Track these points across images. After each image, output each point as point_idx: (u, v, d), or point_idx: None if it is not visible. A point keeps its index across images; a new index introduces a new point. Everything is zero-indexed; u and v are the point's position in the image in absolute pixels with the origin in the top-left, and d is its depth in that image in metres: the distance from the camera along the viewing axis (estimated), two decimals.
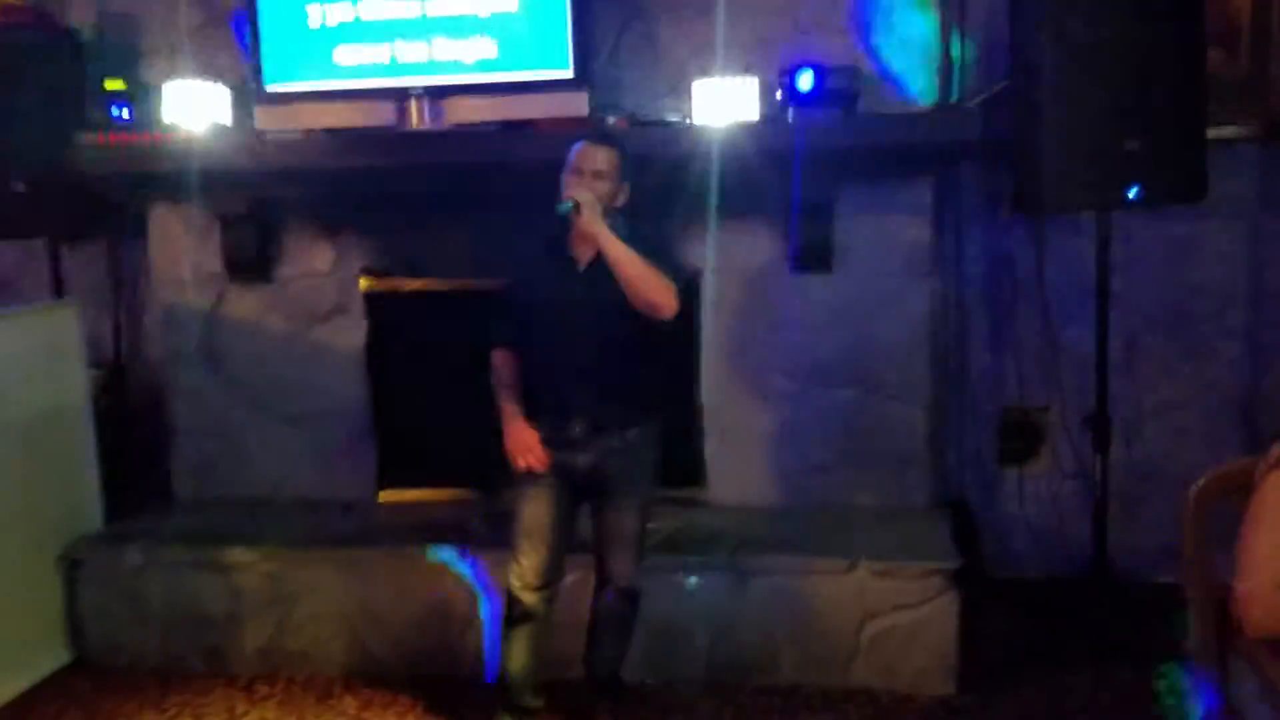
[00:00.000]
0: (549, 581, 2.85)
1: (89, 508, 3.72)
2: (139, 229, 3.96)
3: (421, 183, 3.58)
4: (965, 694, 3.16)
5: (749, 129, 3.30)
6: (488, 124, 3.48)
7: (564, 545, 2.87)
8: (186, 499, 3.98)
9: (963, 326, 3.86)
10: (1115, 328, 3.44)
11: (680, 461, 3.65)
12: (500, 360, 2.89)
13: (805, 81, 3.23)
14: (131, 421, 4.15)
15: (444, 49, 3.46)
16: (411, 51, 3.48)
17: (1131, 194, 3.20)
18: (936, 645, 3.17)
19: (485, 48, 3.44)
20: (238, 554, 3.47)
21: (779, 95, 3.34)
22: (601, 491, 2.86)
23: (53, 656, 3.49)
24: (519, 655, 2.87)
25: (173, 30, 3.79)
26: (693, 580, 3.25)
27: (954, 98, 3.52)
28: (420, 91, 3.47)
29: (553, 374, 2.82)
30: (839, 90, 3.27)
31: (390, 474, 3.92)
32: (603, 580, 2.93)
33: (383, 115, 3.51)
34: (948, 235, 3.76)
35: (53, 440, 3.59)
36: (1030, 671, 3.29)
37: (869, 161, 3.45)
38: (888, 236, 3.56)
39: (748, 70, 3.40)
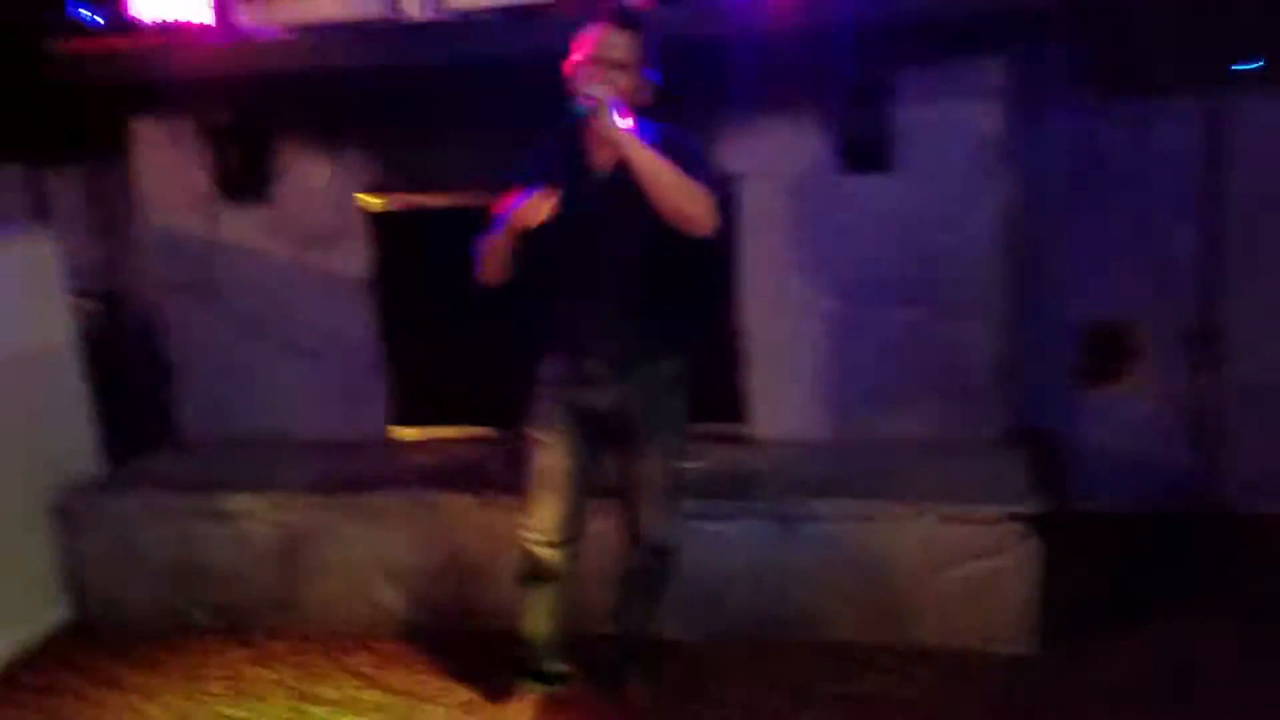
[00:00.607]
0: (570, 537, 2.51)
1: (83, 452, 3.46)
2: (122, 146, 3.61)
3: (421, 84, 3.17)
4: (1045, 651, 2.80)
5: (786, 3, 2.82)
6: (490, 10, 3.03)
7: (585, 497, 2.52)
8: (189, 440, 3.71)
9: (1042, 230, 3.37)
10: (1223, 230, 2.94)
11: (719, 393, 3.28)
12: None
13: None
14: (128, 356, 3.88)
15: None
16: None
17: (1248, 68, 2.68)
18: (1013, 598, 2.80)
19: None
20: (243, 501, 3.20)
21: None
22: (626, 437, 2.50)
23: (49, 614, 3.27)
24: (541, 619, 2.58)
25: None
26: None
27: None
28: None
29: (568, 303, 2.44)
30: None
31: (402, 410, 3.60)
32: (632, 535, 2.59)
33: (375, 6, 3.08)
34: (1026, 124, 3.25)
35: (38, 381, 3.31)
36: (1119, 622, 2.94)
37: (932, 37, 2.95)
38: (954, 127, 3.07)
39: None
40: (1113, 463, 3.45)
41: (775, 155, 3.18)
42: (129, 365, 3.85)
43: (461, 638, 3.05)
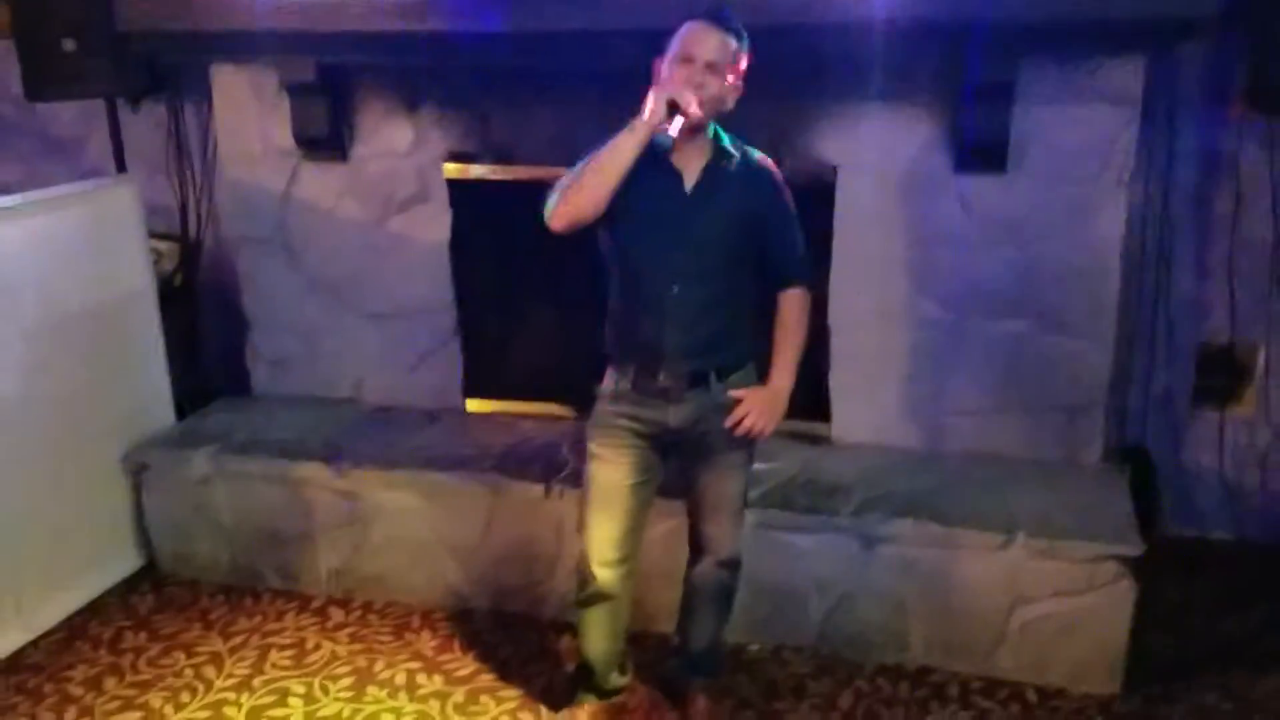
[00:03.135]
0: (626, 555, 2.41)
1: (158, 403, 3.46)
2: (204, 90, 3.52)
3: (514, 52, 3.00)
4: (1132, 694, 2.68)
5: None
6: None
7: (643, 514, 2.43)
8: (263, 396, 3.67)
9: (1165, 243, 3.15)
10: None
11: (802, 391, 3.12)
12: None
13: None
14: (207, 302, 3.84)
15: None
16: None
17: None
18: (1101, 637, 2.67)
19: None
20: (312, 470, 3.15)
21: None
22: (696, 451, 2.38)
23: (121, 566, 3.30)
24: (598, 639, 2.49)
25: None
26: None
27: None
28: None
29: (643, 308, 2.29)
30: None
31: (477, 381, 3.52)
32: (699, 548, 2.50)
33: None
34: (1157, 131, 3.01)
35: (116, 330, 3.29)
36: (1214, 664, 2.78)
37: (1061, 35, 2.71)
38: (1081, 131, 2.84)
39: None
40: (1219, 489, 3.28)
41: (877, 148, 2.98)
42: (204, 314, 3.81)
43: (524, 625, 3.02)
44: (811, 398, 3.18)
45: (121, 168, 3.69)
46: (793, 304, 2.33)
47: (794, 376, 2.34)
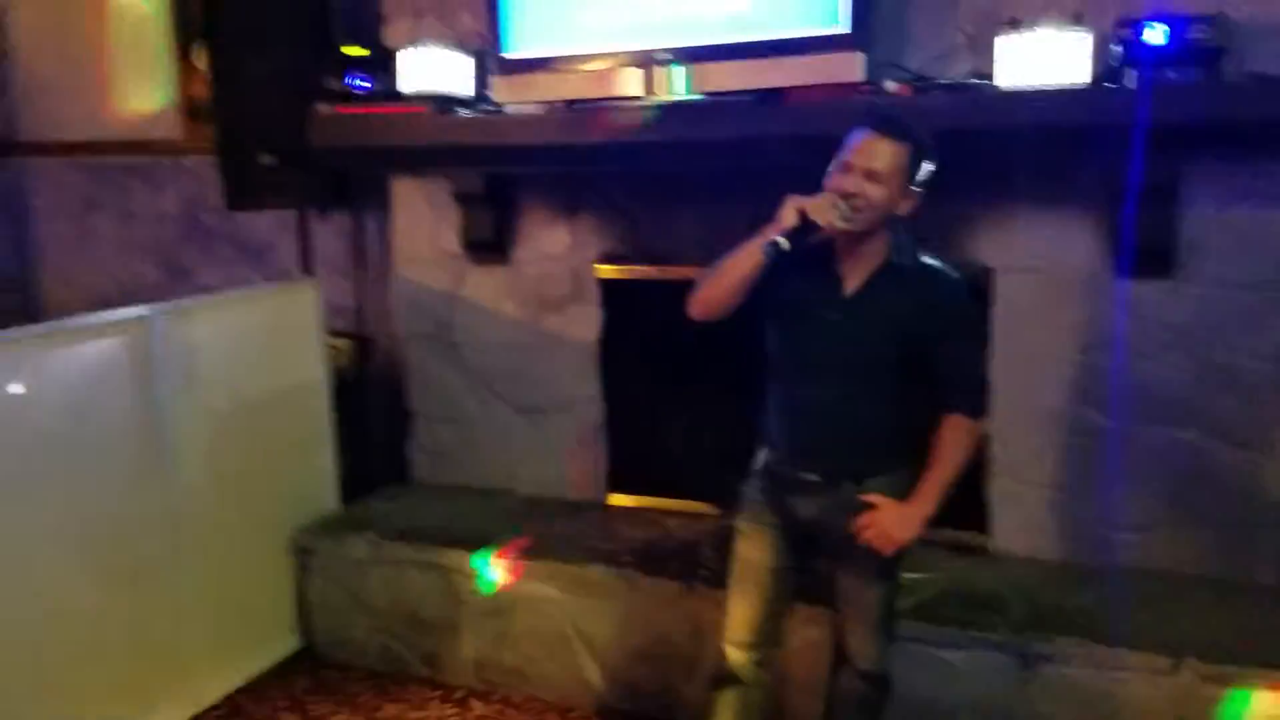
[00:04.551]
0: (762, 641, 2.37)
1: (324, 489, 3.64)
2: (383, 201, 3.80)
3: (666, 159, 3.12)
4: None
5: (1076, 95, 2.58)
6: (741, 93, 2.95)
7: (785, 602, 2.39)
8: (422, 484, 3.83)
9: None
10: None
11: (958, 500, 3.02)
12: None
13: (1156, 35, 2.45)
14: (375, 395, 4.05)
15: (695, 4, 2.96)
16: (659, 10, 3.00)
17: None
18: None
19: (738, 1, 2.91)
20: (459, 558, 3.24)
21: (1115, 52, 2.57)
22: (833, 553, 2.34)
23: (280, 646, 3.44)
24: None
25: None
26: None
27: None
28: (666, 57, 2.99)
29: (787, 400, 2.32)
30: (1198, 46, 2.47)
31: (621, 476, 3.58)
32: (840, 657, 2.42)
33: (629, 85, 3.06)
34: None
35: (292, 421, 3.51)
36: None
37: (1230, 135, 2.61)
38: (1254, 234, 2.72)
39: (1077, 20, 2.64)
40: None
41: (1037, 251, 2.93)
42: (372, 406, 4.02)
43: None
44: (968, 506, 3.08)
45: (308, 271, 3.99)
46: (952, 429, 2.24)
47: (935, 503, 2.23)
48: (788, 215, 2.14)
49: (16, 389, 2.65)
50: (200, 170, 4.12)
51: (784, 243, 2.13)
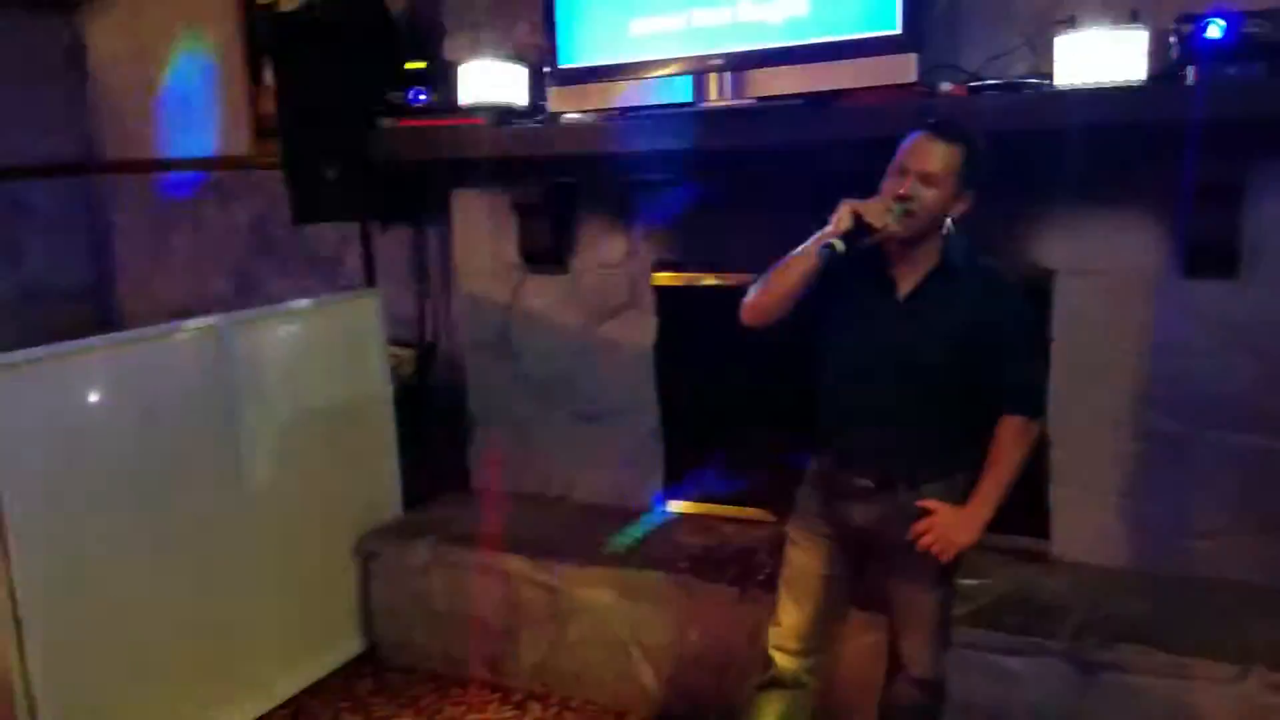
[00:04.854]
0: (812, 648, 2.37)
1: (388, 496, 3.71)
2: (444, 212, 3.88)
3: (720, 166, 3.15)
4: None
5: (1133, 93, 2.55)
6: (794, 97, 2.96)
7: (836, 609, 2.38)
8: (479, 492, 3.88)
9: None
10: None
11: (1020, 506, 2.99)
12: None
13: (1215, 30, 2.41)
14: (437, 403, 4.13)
15: (747, 10, 2.98)
16: (711, 16, 3.03)
17: None
18: None
19: (794, 5, 2.92)
20: (516, 563, 3.29)
21: (1173, 49, 2.53)
22: (888, 559, 2.32)
23: (345, 649, 3.51)
24: None
25: (475, 5, 3.59)
26: None
27: None
28: (720, 62, 3.02)
29: (841, 406, 2.31)
30: (1260, 41, 2.42)
31: (678, 483, 3.59)
32: (895, 664, 2.41)
33: (680, 91, 3.09)
34: None
35: (356, 427, 3.59)
36: None
37: None
38: None
39: (1134, 17, 2.61)
40: None
41: (1097, 252, 2.88)
42: (434, 414, 4.10)
43: None
44: (1030, 512, 3.04)
45: (371, 282, 4.08)
46: (1009, 431, 2.23)
47: (994, 506, 2.23)
48: (843, 218, 2.14)
49: (101, 399, 2.77)
50: (269, 185, 4.25)
51: (840, 245, 2.12)
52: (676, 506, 3.60)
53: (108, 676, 2.76)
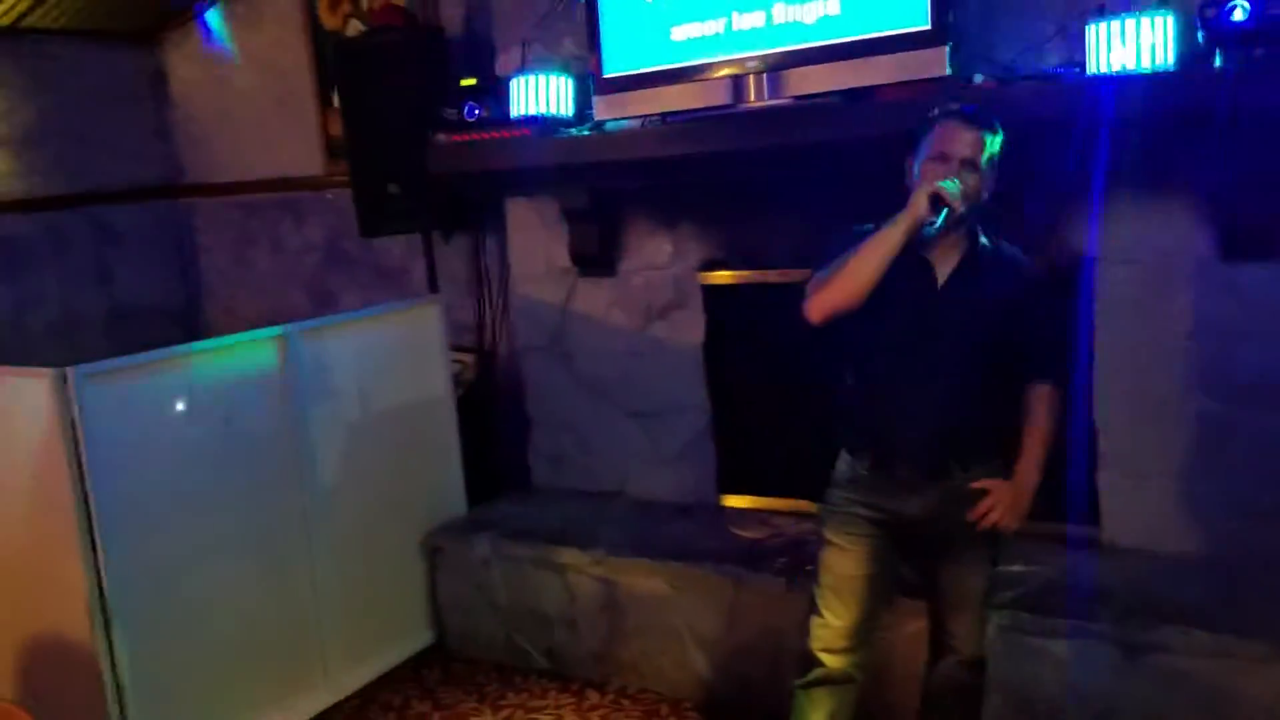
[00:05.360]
0: (858, 645, 2.41)
1: (453, 494, 3.86)
2: (500, 221, 4.03)
3: (757, 166, 3.24)
4: None
5: (1160, 80, 2.56)
6: (830, 95, 3.03)
7: (881, 604, 2.43)
8: (541, 489, 4.02)
9: None
10: None
11: (1071, 493, 3.01)
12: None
13: (1239, 13, 2.41)
14: (495, 408, 4.28)
15: (782, 12, 3.07)
16: (748, 19, 3.12)
17: None
18: None
19: (827, 4, 2.99)
20: (573, 556, 3.41)
21: (1200, 33, 2.54)
22: (939, 545, 2.37)
23: (415, 641, 3.67)
24: None
25: (524, 21, 3.73)
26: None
27: None
28: (757, 64, 3.10)
29: (885, 398, 2.35)
30: None
31: (731, 477, 3.67)
32: (941, 647, 2.45)
33: (720, 94, 3.19)
34: None
35: (421, 429, 3.75)
36: None
37: None
38: None
39: (1162, 2, 2.62)
40: None
41: (1138, 239, 2.89)
42: (495, 416, 4.25)
43: (763, 718, 3.04)
44: (1078, 500, 3.05)
45: (434, 290, 4.25)
46: (1042, 399, 2.31)
47: (1041, 473, 2.30)
48: (922, 201, 2.17)
49: (180, 404, 2.97)
50: (340, 203, 4.45)
51: (939, 222, 2.17)
52: (731, 501, 3.67)
53: (190, 667, 2.95)
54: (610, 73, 3.34)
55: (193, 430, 2.99)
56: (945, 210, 2.17)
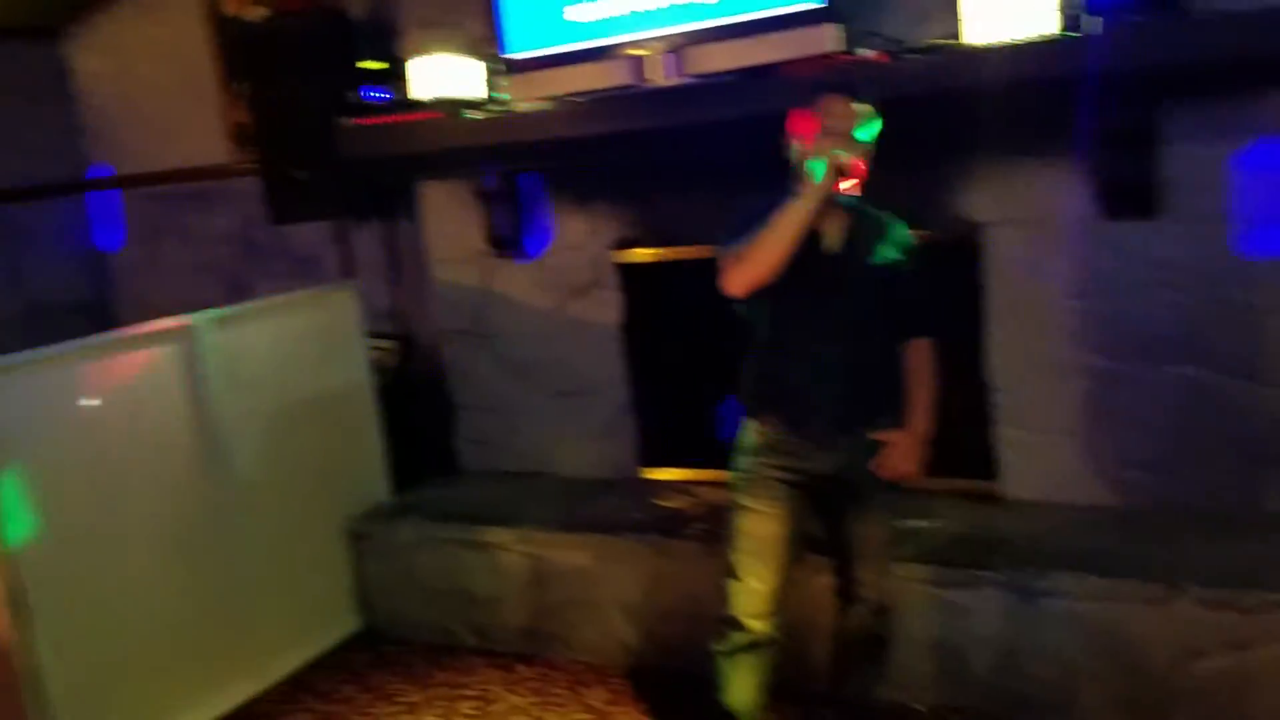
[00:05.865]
0: (779, 607, 2.49)
1: (376, 480, 3.87)
2: (415, 206, 4.02)
3: (665, 145, 3.28)
4: None
5: (1039, 46, 2.66)
6: (729, 74, 3.09)
7: (793, 562, 2.51)
8: (468, 471, 4.05)
9: None
10: None
11: (968, 449, 3.13)
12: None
13: None
14: (417, 393, 4.29)
15: None
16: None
17: None
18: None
19: None
20: (499, 534, 3.45)
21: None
22: (845, 497, 2.47)
23: (342, 626, 3.68)
24: (746, 688, 2.54)
25: (427, 4, 3.73)
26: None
27: None
28: (659, 44, 3.15)
29: (793, 362, 2.44)
30: None
31: (651, 451, 3.74)
32: (849, 596, 2.55)
33: (624, 74, 3.23)
34: None
35: (340, 416, 3.75)
36: None
37: (1205, 76, 2.67)
38: (1235, 169, 2.75)
39: None
40: None
41: (1025, 202, 3.01)
42: (419, 401, 4.26)
43: (691, 682, 3.10)
44: (977, 456, 3.18)
45: (348, 276, 4.24)
46: (923, 352, 2.45)
47: (932, 420, 2.43)
48: (827, 172, 2.23)
49: (88, 399, 2.94)
50: (249, 191, 4.40)
51: (845, 188, 2.26)
52: (652, 474, 3.74)
53: (112, 660, 2.94)
54: (514, 53, 3.36)
55: (102, 423, 2.96)
56: (852, 180, 2.26)
